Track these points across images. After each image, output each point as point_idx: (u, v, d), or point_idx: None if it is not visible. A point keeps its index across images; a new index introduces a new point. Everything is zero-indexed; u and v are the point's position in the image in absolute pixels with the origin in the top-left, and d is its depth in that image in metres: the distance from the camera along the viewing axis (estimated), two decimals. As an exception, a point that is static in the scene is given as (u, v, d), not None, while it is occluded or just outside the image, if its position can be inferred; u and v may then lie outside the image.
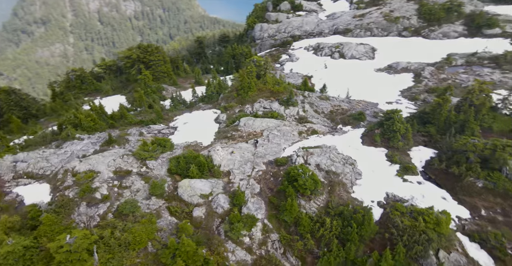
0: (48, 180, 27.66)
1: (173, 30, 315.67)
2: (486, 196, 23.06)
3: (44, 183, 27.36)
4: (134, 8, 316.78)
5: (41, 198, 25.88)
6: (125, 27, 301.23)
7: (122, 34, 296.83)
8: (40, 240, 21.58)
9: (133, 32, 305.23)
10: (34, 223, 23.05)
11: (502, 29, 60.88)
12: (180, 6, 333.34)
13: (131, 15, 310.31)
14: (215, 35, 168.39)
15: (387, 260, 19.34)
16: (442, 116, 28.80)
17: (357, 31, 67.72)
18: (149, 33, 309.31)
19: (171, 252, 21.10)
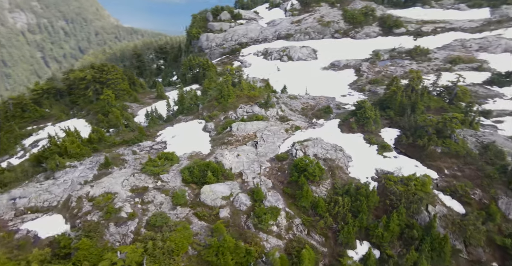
0: (58, 210, 26.33)
1: (82, 43, 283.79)
2: (445, 159, 28.74)
3: (55, 214, 26.00)
4: (26, 21, 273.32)
5: (57, 229, 24.71)
6: (18, 43, 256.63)
7: (15, 50, 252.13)
8: (80, 264, 21.19)
9: (29, 47, 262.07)
10: (67, 251, 22.28)
11: (406, 28, 71.74)
12: (87, 16, 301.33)
13: (24, 28, 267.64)
14: (137, 46, 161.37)
15: (394, 221, 23.39)
16: (397, 101, 34.35)
17: (297, 36, 73.27)
18: (51, 47, 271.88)
19: (215, 250, 22.41)
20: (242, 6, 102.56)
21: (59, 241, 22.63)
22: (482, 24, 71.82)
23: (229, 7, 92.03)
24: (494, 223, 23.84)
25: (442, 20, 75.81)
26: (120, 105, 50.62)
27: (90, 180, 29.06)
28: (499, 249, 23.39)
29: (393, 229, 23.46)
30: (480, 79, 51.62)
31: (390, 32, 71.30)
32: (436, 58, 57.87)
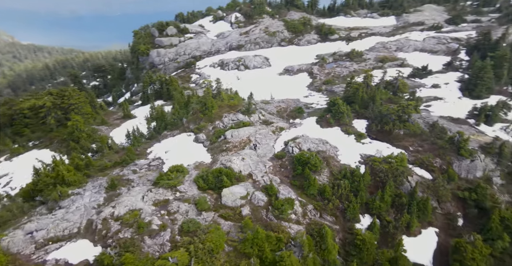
0: (82, 236, 25.59)
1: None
2: (407, 139, 34.75)
3: (80, 240, 25.17)
4: None
5: (88, 252, 24.18)
6: None
7: None
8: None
9: None
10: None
11: (338, 34, 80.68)
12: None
13: None
14: (48, 65, 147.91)
15: (387, 193, 28.04)
16: (359, 97, 39.87)
17: (248, 46, 77.00)
18: None
19: (250, 243, 24.41)
20: (182, 20, 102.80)
21: (101, 260, 22.44)
22: (393, 29, 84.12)
23: (175, 22, 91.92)
24: (454, 182, 30.09)
25: (363, 26, 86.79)
26: (89, 129, 48.19)
27: (103, 203, 28.47)
28: (460, 201, 29.63)
29: (387, 200, 28.10)
30: (405, 73, 61.22)
31: (327, 38, 79.34)
32: (369, 58, 66.59)
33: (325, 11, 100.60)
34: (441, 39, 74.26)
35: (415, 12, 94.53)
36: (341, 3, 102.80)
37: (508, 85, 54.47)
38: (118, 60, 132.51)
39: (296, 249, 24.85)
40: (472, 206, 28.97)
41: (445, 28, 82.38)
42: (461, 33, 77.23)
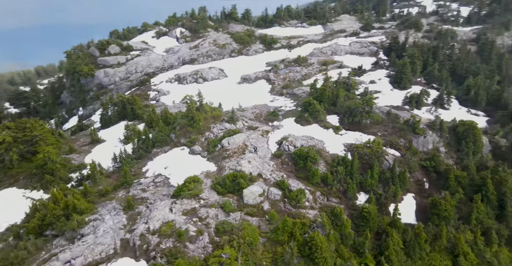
0: (121, 255, 25.27)
1: None
2: (374, 126, 41.29)
3: (119, 259, 24.79)
4: None
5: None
6: None
7: None
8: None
9: None
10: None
11: (280, 43, 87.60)
12: None
13: None
14: None
15: (375, 171, 33.47)
16: (327, 96, 45.47)
17: (201, 59, 78.33)
18: None
19: (280, 231, 27.15)
20: (118, 37, 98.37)
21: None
22: (323, 36, 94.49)
23: (117, 40, 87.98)
24: (417, 155, 37.22)
25: (299, 35, 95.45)
26: (62, 159, 44.55)
27: (127, 223, 28.20)
28: (423, 169, 36.87)
29: (375, 177, 33.54)
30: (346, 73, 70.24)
31: (271, 47, 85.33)
32: (313, 62, 74.20)
33: (261, 22, 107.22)
34: (362, 43, 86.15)
35: (336, 21, 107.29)
36: (273, 14, 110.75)
37: (421, 77, 66.80)
38: (16, 83, 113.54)
39: (319, 229, 28.33)
40: (432, 172, 36.37)
41: (362, 34, 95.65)
42: (375, 37, 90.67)
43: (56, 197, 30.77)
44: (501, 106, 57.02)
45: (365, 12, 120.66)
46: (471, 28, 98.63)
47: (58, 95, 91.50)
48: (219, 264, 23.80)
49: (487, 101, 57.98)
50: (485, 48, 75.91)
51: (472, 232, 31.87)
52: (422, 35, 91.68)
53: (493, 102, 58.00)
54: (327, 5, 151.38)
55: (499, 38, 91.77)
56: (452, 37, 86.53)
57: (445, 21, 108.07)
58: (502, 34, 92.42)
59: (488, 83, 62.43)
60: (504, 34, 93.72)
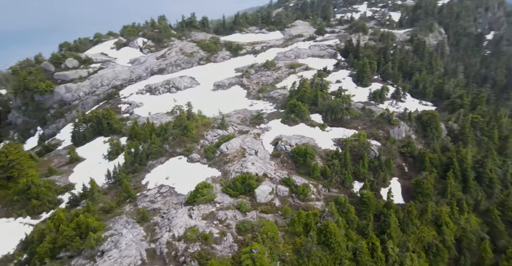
0: (150, 263, 25.60)
1: None
2: (354, 121, 45.44)
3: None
4: None
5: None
6: None
7: None
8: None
9: None
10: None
11: (245, 49, 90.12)
12: None
13: None
14: None
15: (365, 160, 37.12)
16: (307, 97, 48.66)
17: (170, 68, 77.37)
18: None
19: (297, 223, 29.23)
20: (69, 49, 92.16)
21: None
22: (283, 41, 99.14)
23: (74, 53, 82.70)
24: (395, 143, 41.90)
25: (261, 40, 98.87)
26: (45, 182, 41.58)
27: (147, 234, 28.29)
28: (402, 155, 41.70)
29: (366, 166, 37.20)
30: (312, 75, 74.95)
31: (237, 53, 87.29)
32: (281, 66, 77.75)
33: (221, 29, 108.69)
34: (320, 46, 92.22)
35: (292, 27, 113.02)
36: (231, 22, 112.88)
37: (378, 75, 73.93)
38: None
39: (329, 218, 30.84)
40: (409, 157, 41.33)
41: (318, 38, 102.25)
42: (330, 41, 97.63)
43: (61, 219, 29.13)
44: (444, 96, 65.82)
45: (315, 18, 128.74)
46: (404, 31, 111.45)
47: (3, 115, 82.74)
48: (251, 259, 25.02)
49: (433, 92, 66.34)
50: (419, 47, 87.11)
51: (448, 205, 37.03)
52: (368, 37, 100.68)
53: (437, 94, 66.60)
54: (274, 11, 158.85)
55: (425, 38, 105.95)
56: (392, 39, 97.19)
57: (383, 25, 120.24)
58: (427, 35, 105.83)
59: (431, 77, 71.52)
60: (429, 35, 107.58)
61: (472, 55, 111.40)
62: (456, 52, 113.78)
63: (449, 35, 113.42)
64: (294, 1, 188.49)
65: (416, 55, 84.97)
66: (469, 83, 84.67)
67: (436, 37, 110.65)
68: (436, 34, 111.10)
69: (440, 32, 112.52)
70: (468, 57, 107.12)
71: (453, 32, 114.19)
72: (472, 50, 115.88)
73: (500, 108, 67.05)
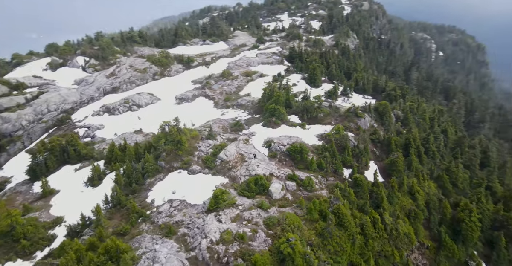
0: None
1: None
2: (326, 118, 51.61)
3: None
4: None
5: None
6: None
7: None
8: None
9: None
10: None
11: (197, 61, 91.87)
12: None
13: None
14: None
15: (348, 150, 43.08)
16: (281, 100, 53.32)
17: (124, 86, 74.47)
18: None
19: (314, 211, 33.20)
20: None
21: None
22: (230, 51, 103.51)
23: (2, 79, 73.37)
24: (364, 133, 49.18)
25: (208, 52, 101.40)
26: (28, 219, 37.80)
27: (179, 245, 29.35)
28: (372, 142, 49.09)
29: (350, 154, 43.19)
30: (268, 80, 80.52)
31: (190, 66, 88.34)
32: (238, 75, 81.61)
33: (163, 42, 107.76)
34: (266, 54, 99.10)
35: (234, 37, 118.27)
36: (173, 34, 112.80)
37: (325, 76, 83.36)
38: None
39: (337, 202, 35.54)
40: (377, 142, 49.03)
41: (261, 46, 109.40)
42: (273, 49, 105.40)
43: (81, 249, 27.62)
44: (379, 90, 77.91)
45: (251, 28, 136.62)
46: (329, 37, 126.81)
47: None
48: (290, 247, 28.02)
49: (372, 88, 77.87)
50: (345, 51, 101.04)
51: (415, 176, 45.40)
52: (304, 44, 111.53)
53: (374, 88, 78.39)
54: (199, 21, 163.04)
55: (345, 43, 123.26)
56: (322, 44, 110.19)
57: (309, 32, 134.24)
58: (346, 40, 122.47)
59: (366, 75, 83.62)
60: (347, 40, 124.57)
61: (378, 55, 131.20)
62: (368, 54, 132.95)
63: (360, 39, 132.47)
64: (216, 12, 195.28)
65: (343, 57, 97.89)
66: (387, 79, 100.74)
67: (353, 41, 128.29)
68: (352, 39, 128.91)
69: (354, 37, 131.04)
70: (376, 57, 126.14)
71: (361, 37, 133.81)
72: (376, 51, 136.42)
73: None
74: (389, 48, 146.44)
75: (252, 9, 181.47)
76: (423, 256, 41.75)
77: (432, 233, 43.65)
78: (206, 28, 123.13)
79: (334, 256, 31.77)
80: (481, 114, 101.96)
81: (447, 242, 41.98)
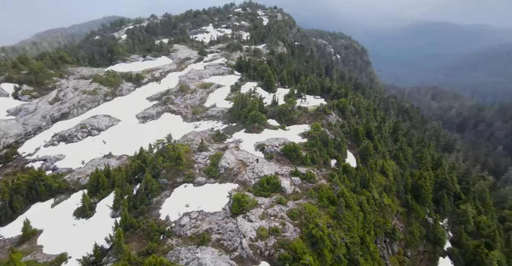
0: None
1: None
2: (300, 118, 57.98)
3: None
4: None
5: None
6: None
7: None
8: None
9: None
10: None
11: (147, 77, 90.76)
12: None
13: None
14: None
15: (331, 144, 49.95)
16: (257, 107, 58.02)
17: (75, 111, 69.72)
18: None
19: (324, 198, 38.68)
20: None
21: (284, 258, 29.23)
22: (176, 65, 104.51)
23: None
24: (336, 127, 57.07)
25: (154, 67, 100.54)
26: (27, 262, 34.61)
27: (219, 250, 31.40)
28: (344, 134, 57.20)
29: (332, 146, 50.10)
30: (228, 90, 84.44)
31: (140, 83, 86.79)
32: (195, 88, 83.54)
33: (98, 61, 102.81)
34: (214, 66, 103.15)
35: (175, 51, 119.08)
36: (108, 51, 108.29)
37: (278, 82, 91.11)
38: None
39: (337, 188, 41.65)
40: (347, 133, 57.44)
41: (205, 58, 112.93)
42: (219, 60, 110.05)
43: None
44: (325, 90, 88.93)
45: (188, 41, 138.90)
46: (262, 46, 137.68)
47: None
48: (319, 229, 32.75)
49: (320, 89, 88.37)
50: (282, 58, 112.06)
51: (382, 157, 54.88)
52: (245, 54, 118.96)
53: (322, 89, 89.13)
54: (115, 34, 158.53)
55: (279, 47, 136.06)
56: (260, 53, 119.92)
57: (243, 42, 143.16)
58: (277, 48, 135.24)
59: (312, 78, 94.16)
60: (278, 48, 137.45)
61: (303, 60, 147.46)
62: (295, 59, 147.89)
63: (286, 47, 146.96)
64: (131, 24, 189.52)
65: (281, 64, 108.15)
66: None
67: (282, 49, 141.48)
68: (281, 47, 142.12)
69: (282, 45, 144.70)
70: (302, 62, 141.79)
71: (287, 44, 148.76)
72: (300, 57, 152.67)
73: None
74: (305, 53, 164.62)
75: (170, 22, 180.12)
76: (399, 220, 50.84)
77: (402, 201, 53.31)
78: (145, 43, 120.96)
79: (348, 232, 37.58)
80: (385, 103, 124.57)
81: (413, 206, 51.95)
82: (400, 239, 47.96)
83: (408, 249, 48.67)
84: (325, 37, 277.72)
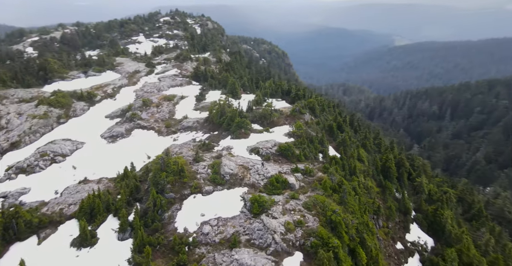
0: (281, 257, 32.02)
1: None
2: (279, 120, 62.62)
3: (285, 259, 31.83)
4: None
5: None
6: None
7: None
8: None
9: None
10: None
11: (99, 95, 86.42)
12: None
13: None
14: None
15: (315, 139, 55.47)
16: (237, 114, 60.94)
17: (26, 138, 63.86)
18: None
19: (328, 188, 43.70)
20: None
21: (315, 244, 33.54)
22: (127, 79, 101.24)
23: None
24: (313, 124, 63.01)
25: (102, 83, 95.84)
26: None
27: (253, 249, 33.93)
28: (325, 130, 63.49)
29: (316, 142, 55.66)
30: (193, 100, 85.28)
31: (94, 101, 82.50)
32: (158, 101, 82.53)
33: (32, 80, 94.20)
34: (169, 77, 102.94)
35: (120, 64, 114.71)
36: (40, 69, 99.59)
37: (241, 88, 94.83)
38: None
39: (333, 177, 47.06)
40: (324, 129, 63.94)
41: (156, 70, 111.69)
42: (171, 71, 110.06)
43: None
44: (285, 92, 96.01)
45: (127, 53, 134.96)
46: (207, 54, 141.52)
47: None
48: (337, 215, 37.46)
49: (281, 92, 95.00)
50: (231, 64, 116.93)
51: (356, 147, 62.61)
52: (198, 63, 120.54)
53: (284, 92, 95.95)
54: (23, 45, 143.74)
55: (223, 55, 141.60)
56: (209, 62, 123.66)
57: (187, 52, 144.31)
58: (222, 56, 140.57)
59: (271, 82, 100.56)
60: (223, 55, 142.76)
61: (243, 66, 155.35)
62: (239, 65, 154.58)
63: (228, 54, 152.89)
64: (35, 35, 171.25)
65: (232, 71, 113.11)
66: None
67: (225, 57, 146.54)
68: (225, 55, 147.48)
69: (225, 53, 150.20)
70: (242, 68, 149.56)
71: (229, 52, 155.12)
72: (242, 63, 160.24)
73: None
74: (244, 59, 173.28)
75: (90, 32, 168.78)
76: (379, 199, 58.71)
77: (377, 182, 61.48)
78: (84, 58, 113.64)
79: (354, 215, 43.03)
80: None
81: (386, 185, 60.47)
82: (382, 214, 55.57)
83: (389, 221, 56.51)
84: (248, 43, 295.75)
